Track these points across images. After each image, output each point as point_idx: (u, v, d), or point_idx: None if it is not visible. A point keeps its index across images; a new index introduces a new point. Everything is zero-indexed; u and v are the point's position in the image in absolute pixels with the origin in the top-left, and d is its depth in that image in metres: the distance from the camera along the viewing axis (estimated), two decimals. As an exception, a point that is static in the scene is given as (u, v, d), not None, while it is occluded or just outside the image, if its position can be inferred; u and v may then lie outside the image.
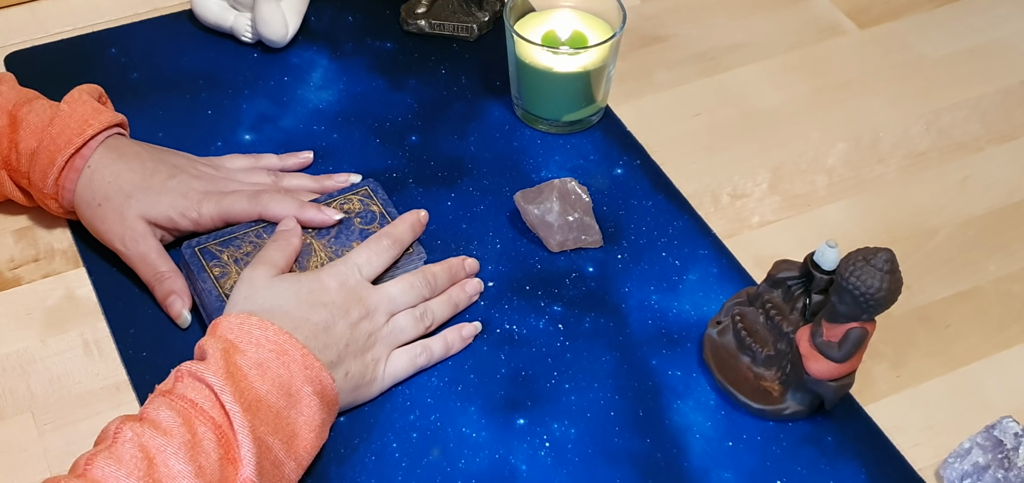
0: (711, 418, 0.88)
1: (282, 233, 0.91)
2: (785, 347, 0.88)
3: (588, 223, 0.98)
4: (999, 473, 0.83)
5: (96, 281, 0.95)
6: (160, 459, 0.73)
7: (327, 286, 0.86)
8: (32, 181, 0.93)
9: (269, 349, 0.80)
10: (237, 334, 0.80)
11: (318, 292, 0.85)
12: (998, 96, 1.15)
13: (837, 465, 0.86)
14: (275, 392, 0.79)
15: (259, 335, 0.80)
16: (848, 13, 1.23)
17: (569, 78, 1.05)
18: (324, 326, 0.84)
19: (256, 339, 0.80)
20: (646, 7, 1.23)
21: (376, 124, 1.08)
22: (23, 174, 0.94)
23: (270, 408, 0.78)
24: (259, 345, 0.80)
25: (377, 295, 0.88)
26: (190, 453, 0.73)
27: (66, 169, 0.92)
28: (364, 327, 0.86)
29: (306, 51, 1.15)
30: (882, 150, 1.10)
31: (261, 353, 0.80)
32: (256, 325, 0.81)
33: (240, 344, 0.80)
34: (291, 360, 0.80)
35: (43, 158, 0.92)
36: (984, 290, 0.98)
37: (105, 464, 0.72)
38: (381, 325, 0.88)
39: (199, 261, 0.91)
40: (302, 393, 0.80)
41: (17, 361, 0.90)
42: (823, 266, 0.87)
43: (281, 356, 0.80)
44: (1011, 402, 0.90)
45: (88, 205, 0.93)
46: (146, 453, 0.72)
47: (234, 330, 0.81)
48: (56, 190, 0.93)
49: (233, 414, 0.75)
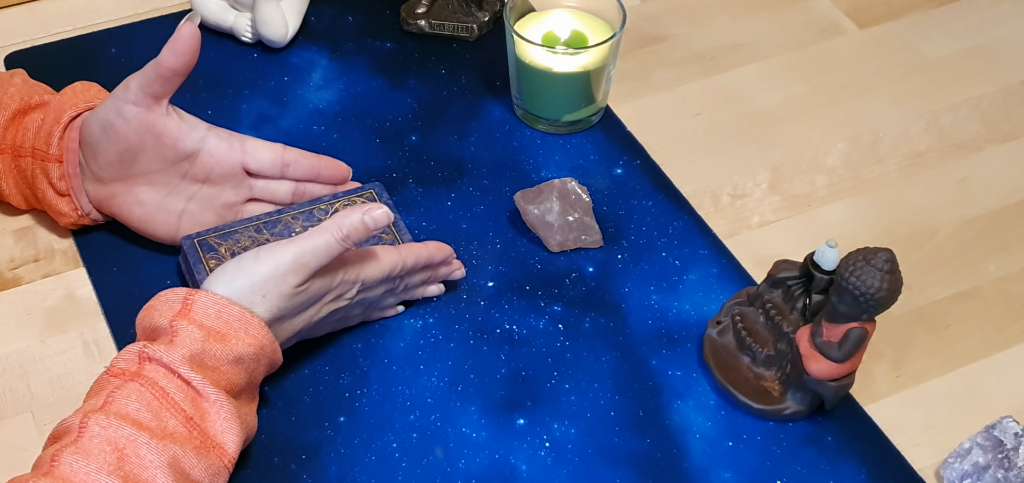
0: (711, 418, 0.88)
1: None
2: (785, 347, 0.88)
3: (588, 223, 0.98)
4: (999, 473, 0.83)
5: (96, 281, 0.95)
6: (131, 450, 0.71)
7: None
8: (36, 165, 0.93)
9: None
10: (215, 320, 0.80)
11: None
12: (998, 96, 1.15)
13: (837, 465, 0.86)
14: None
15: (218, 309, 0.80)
16: (848, 13, 1.23)
17: (569, 78, 1.05)
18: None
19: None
20: (646, 7, 1.23)
21: (376, 124, 1.08)
22: (27, 152, 0.93)
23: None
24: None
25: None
26: (161, 441, 0.72)
27: (69, 128, 0.92)
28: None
29: (306, 51, 1.15)
30: (882, 150, 1.10)
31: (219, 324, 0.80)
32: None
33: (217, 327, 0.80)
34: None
35: (49, 119, 0.92)
36: (984, 290, 0.98)
37: (73, 459, 0.70)
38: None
39: (197, 253, 0.92)
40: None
41: (17, 361, 0.90)
42: (823, 266, 0.87)
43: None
44: (1011, 402, 0.90)
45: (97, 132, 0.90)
46: (115, 445, 0.71)
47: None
48: (61, 151, 0.92)
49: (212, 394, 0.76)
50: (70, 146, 0.92)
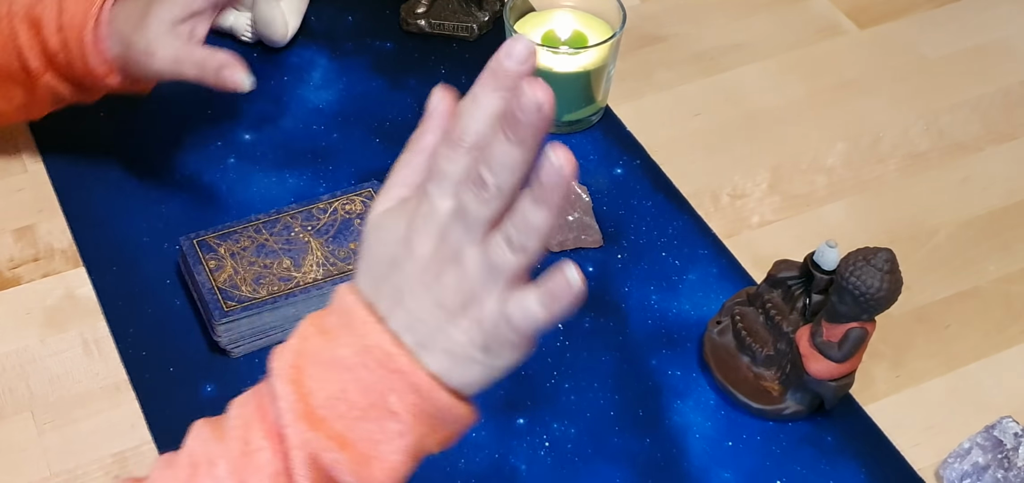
0: (711, 418, 0.88)
1: None
2: (785, 347, 0.88)
3: (588, 223, 0.98)
4: (999, 473, 0.83)
5: (96, 281, 0.95)
6: (205, 470, 0.61)
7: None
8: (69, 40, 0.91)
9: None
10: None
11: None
12: (998, 96, 1.15)
13: (837, 465, 0.86)
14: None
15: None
16: (848, 13, 1.23)
17: (569, 78, 1.05)
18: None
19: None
20: (646, 7, 1.23)
21: (376, 124, 1.08)
22: (59, 53, 0.92)
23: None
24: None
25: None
26: (237, 465, 0.61)
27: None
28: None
29: (306, 51, 1.15)
30: (882, 150, 1.10)
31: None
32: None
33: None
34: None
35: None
36: (984, 290, 0.98)
37: (164, 465, 0.63)
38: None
39: (196, 253, 0.92)
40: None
41: (17, 360, 0.90)
42: (823, 266, 0.87)
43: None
44: (1011, 402, 0.90)
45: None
46: (192, 460, 0.62)
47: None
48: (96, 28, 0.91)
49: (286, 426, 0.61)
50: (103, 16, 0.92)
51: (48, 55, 0.92)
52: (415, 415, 0.62)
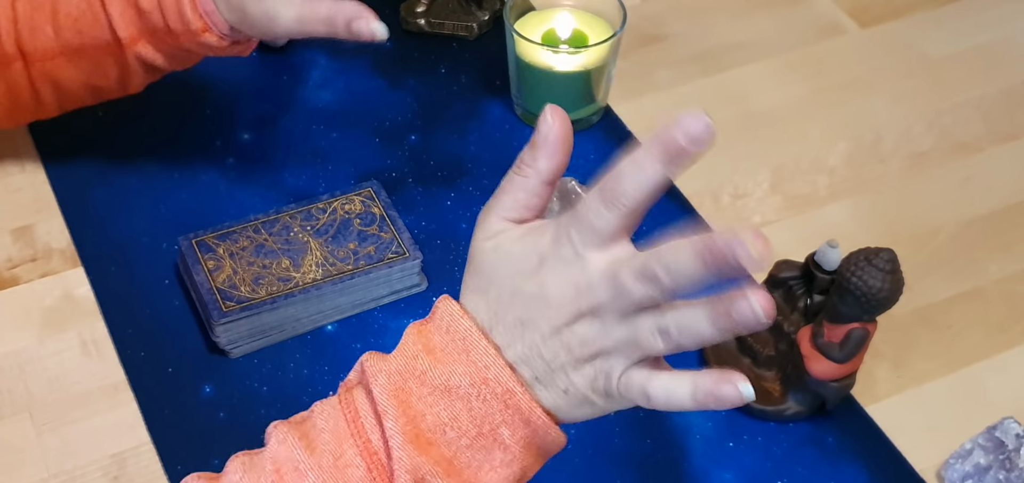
0: (711, 418, 0.88)
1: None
2: (786, 347, 0.88)
3: (588, 223, 0.98)
4: (1000, 474, 0.83)
5: (94, 281, 0.94)
6: (292, 479, 0.60)
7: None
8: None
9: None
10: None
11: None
12: (1000, 96, 1.15)
13: (838, 466, 0.85)
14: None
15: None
16: (849, 12, 1.23)
17: (569, 77, 1.05)
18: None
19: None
20: (646, 7, 1.23)
21: (376, 124, 1.08)
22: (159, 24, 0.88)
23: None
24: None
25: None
26: (327, 479, 0.60)
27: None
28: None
29: (306, 51, 1.15)
30: (883, 150, 1.09)
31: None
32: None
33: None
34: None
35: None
36: (986, 290, 0.98)
37: (241, 467, 0.62)
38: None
39: (195, 253, 0.91)
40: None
41: (15, 361, 0.90)
42: (824, 266, 0.87)
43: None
44: (1013, 403, 0.90)
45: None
46: (276, 464, 0.61)
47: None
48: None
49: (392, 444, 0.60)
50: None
51: (141, 18, 0.88)
52: (524, 447, 0.62)
